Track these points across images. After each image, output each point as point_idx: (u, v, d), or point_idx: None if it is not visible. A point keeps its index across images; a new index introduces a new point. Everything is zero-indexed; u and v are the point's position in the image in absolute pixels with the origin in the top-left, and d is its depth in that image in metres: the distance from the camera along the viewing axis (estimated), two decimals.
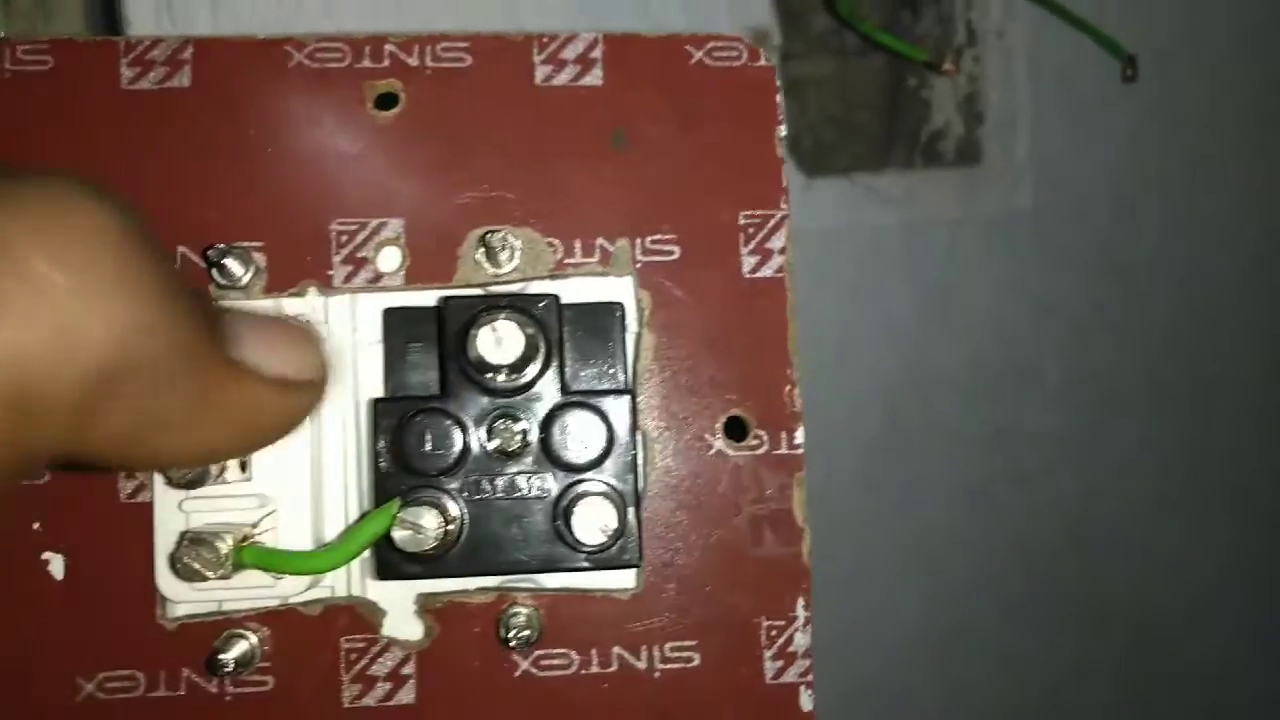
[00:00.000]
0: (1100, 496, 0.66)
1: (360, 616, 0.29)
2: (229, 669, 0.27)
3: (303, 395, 0.23)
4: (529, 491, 0.28)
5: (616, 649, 0.29)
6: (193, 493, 0.27)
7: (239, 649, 0.27)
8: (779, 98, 0.30)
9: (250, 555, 0.26)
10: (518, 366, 0.27)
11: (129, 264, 0.19)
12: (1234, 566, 0.69)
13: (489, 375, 0.27)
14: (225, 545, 0.25)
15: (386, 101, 0.30)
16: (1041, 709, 0.67)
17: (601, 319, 0.30)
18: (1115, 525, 0.67)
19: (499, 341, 0.26)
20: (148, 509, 0.28)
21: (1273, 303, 0.68)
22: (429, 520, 0.26)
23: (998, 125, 0.61)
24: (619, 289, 0.30)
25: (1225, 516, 0.68)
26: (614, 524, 0.26)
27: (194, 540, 0.25)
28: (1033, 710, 0.67)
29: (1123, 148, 0.64)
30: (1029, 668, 0.67)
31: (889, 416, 0.60)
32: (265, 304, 0.29)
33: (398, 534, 0.25)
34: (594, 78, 0.30)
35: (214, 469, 0.26)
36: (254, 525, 0.27)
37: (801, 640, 0.29)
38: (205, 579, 0.25)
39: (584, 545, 0.27)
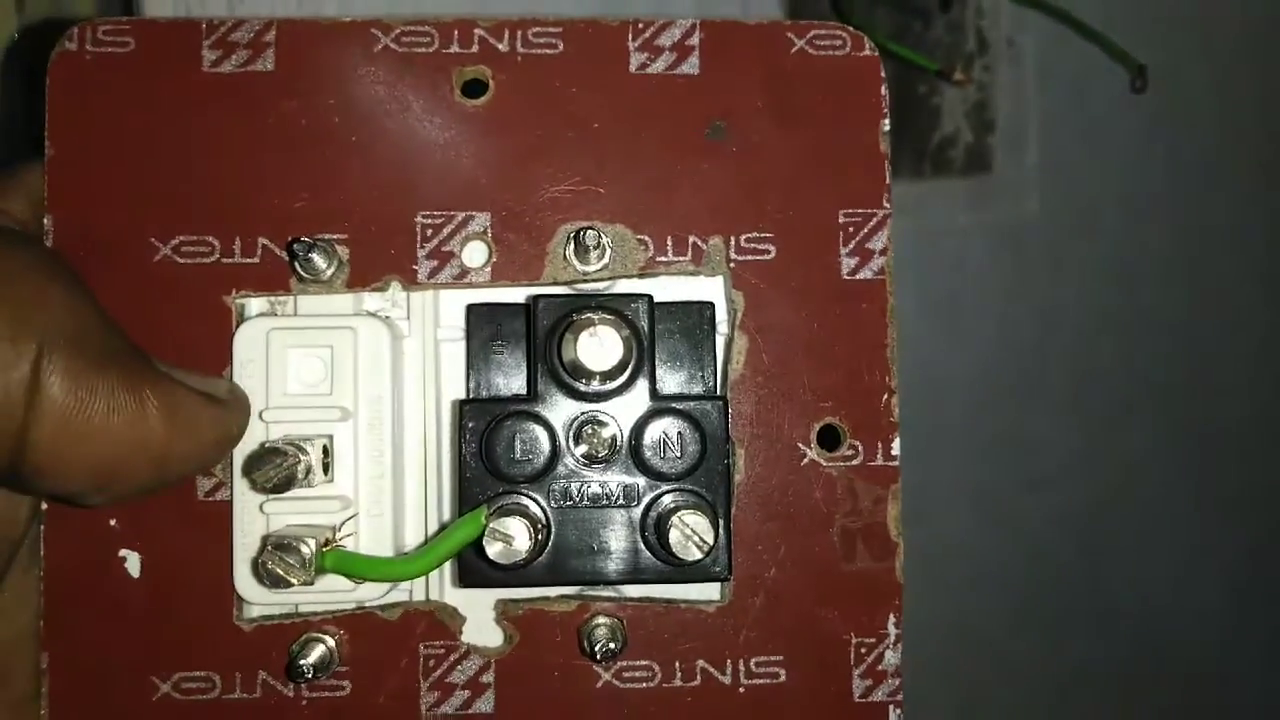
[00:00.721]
0: (1108, 504, 0.65)
1: (439, 622, 0.28)
2: (309, 675, 0.26)
3: (228, 410, 0.26)
4: (616, 500, 0.27)
5: (701, 662, 0.28)
6: (274, 495, 0.26)
7: (317, 653, 0.27)
8: (884, 89, 0.29)
9: (333, 560, 0.25)
10: (613, 373, 0.26)
11: (58, 269, 0.24)
12: (1241, 574, 0.68)
13: (582, 380, 0.26)
14: (309, 549, 0.24)
15: (475, 89, 0.28)
16: (1048, 714, 0.67)
17: (692, 320, 0.29)
18: (1123, 533, 0.66)
19: (599, 345, 0.25)
20: (225, 507, 0.27)
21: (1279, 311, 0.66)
22: (518, 530, 0.25)
23: (1007, 134, 0.60)
24: (711, 289, 0.29)
25: (1232, 524, 0.67)
26: (710, 540, 0.25)
27: (278, 545, 0.24)
28: (1039, 712, 0.66)
29: (1132, 157, 0.63)
30: (1036, 673, 0.66)
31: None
32: (346, 298, 0.28)
33: (490, 547, 0.24)
34: (690, 66, 0.29)
35: (300, 472, 0.25)
36: (336, 529, 0.26)
37: (892, 658, 0.28)
38: (290, 584, 0.24)
39: (680, 560, 0.25)
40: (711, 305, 0.29)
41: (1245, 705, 0.70)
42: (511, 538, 0.25)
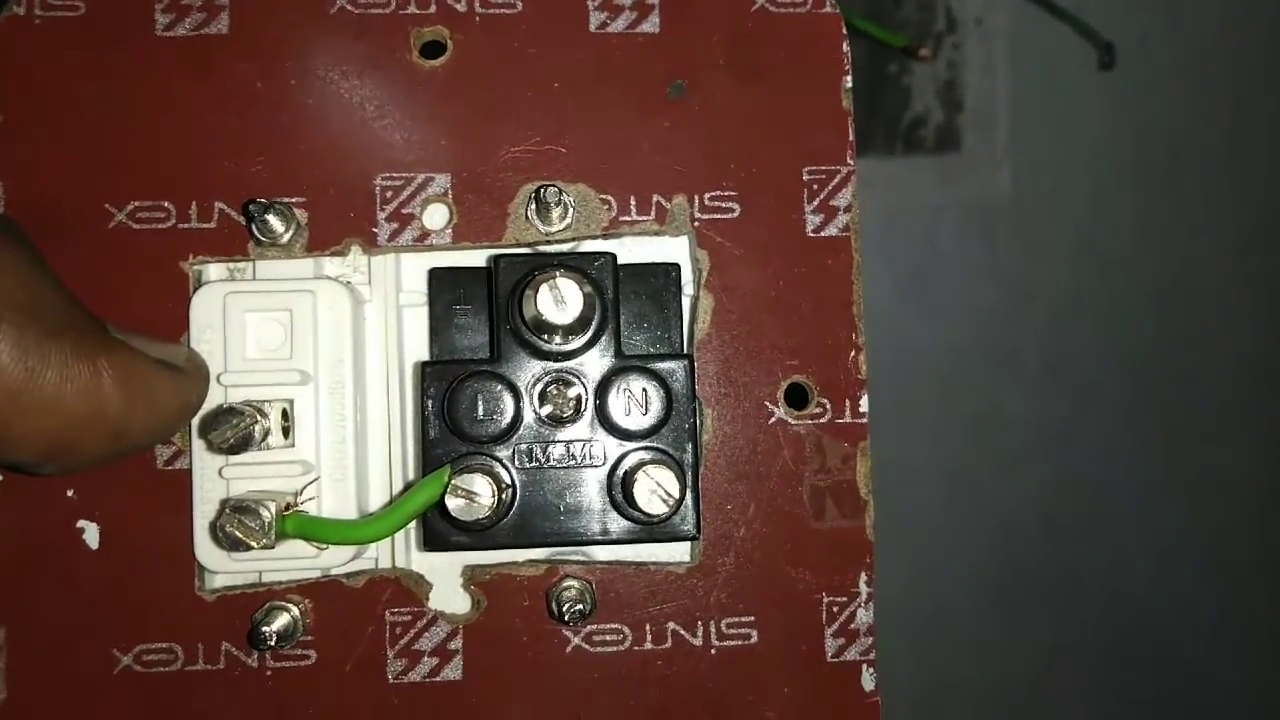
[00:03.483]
0: (1077, 483, 0.65)
1: (405, 589, 0.27)
2: (271, 642, 0.26)
3: (186, 379, 0.25)
4: (582, 459, 0.26)
5: (672, 624, 0.28)
6: (233, 459, 0.26)
7: (281, 621, 0.26)
8: (845, 46, 0.29)
9: (294, 524, 0.25)
10: (574, 328, 0.25)
11: (9, 235, 0.23)
12: (1209, 552, 0.68)
13: (544, 337, 0.26)
14: (269, 513, 0.24)
15: (433, 50, 0.28)
16: (1019, 693, 0.67)
17: (657, 280, 0.28)
18: (1092, 511, 0.66)
19: (559, 300, 0.24)
20: (185, 476, 0.27)
21: (1250, 291, 0.67)
22: (483, 488, 0.24)
23: (977, 113, 0.61)
24: (675, 248, 0.29)
25: (1201, 503, 0.68)
26: (676, 492, 0.25)
27: (237, 508, 0.24)
28: (1010, 694, 0.67)
29: (1101, 136, 0.63)
30: (1006, 652, 0.66)
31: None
32: (305, 263, 0.28)
33: (451, 502, 0.24)
34: (651, 24, 0.28)
35: (257, 433, 0.25)
36: (297, 494, 0.26)
37: (864, 617, 0.28)
38: (249, 547, 0.24)
39: (646, 515, 0.25)
40: (677, 267, 0.29)
41: (1216, 685, 0.70)
42: (475, 494, 0.24)
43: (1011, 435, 0.65)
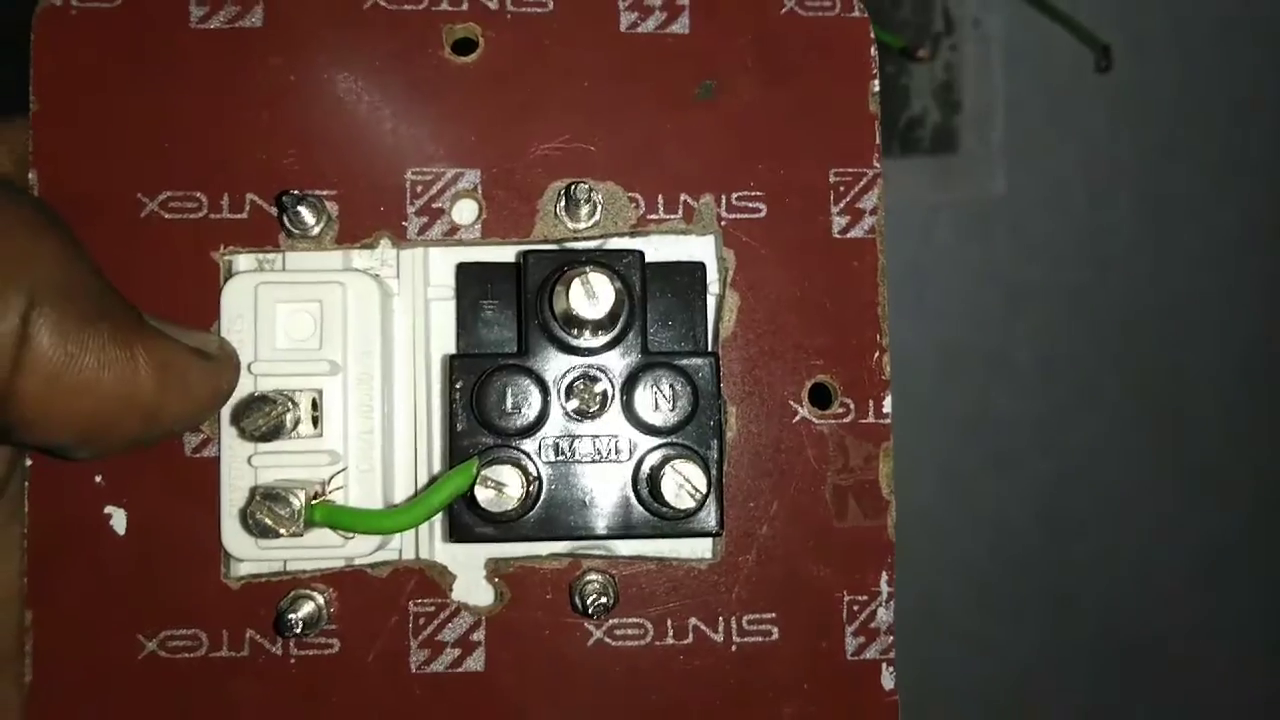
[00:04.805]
0: (1071, 481, 0.65)
1: (429, 580, 0.28)
2: (297, 629, 0.26)
3: (219, 366, 0.26)
4: (607, 454, 0.27)
5: (693, 620, 0.28)
6: (263, 448, 0.26)
7: (306, 609, 0.26)
8: (874, 50, 0.29)
9: (322, 513, 0.25)
10: (604, 323, 0.25)
11: (51, 222, 0.24)
12: (1202, 550, 0.68)
13: (573, 332, 0.26)
14: (299, 501, 0.24)
15: (464, 46, 0.28)
16: (1011, 690, 0.67)
17: (684, 280, 0.29)
18: (1086, 510, 0.66)
19: (590, 295, 0.25)
20: (213, 464, 0.27)
21: (1244, 291, 0.67)
22: (511, 479, 0.25)
23: (974, 113, 0.61)
24: (702, 247, 0.29)
25: (1194, 501, 0.68)
26: (703, 488, 0.25)
27: (267, 495, 0.24)
28: (1002, 691, 0.67)
29: (1097, 137, 0.64)
30: (998, 649, 0.66)
31: None
32: (335, 255, 0.28)
33: (481, 493, 0.24)
34: (681, 25, 0.29)
35: (288, 421, 0.25)
36: (325, 483, 0.26)
37: (884, 616, 0.28)
38: (278, 535, 0.24)
39: (673, 510, 0.25)
40: (703, 265, 0.29)
41: (1210, 682, 0.70)
42: (504, 485, 0.24)
43: (1006, 434, 0.65)
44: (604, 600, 0.27)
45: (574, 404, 0.27)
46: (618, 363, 0.27)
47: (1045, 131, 0.63)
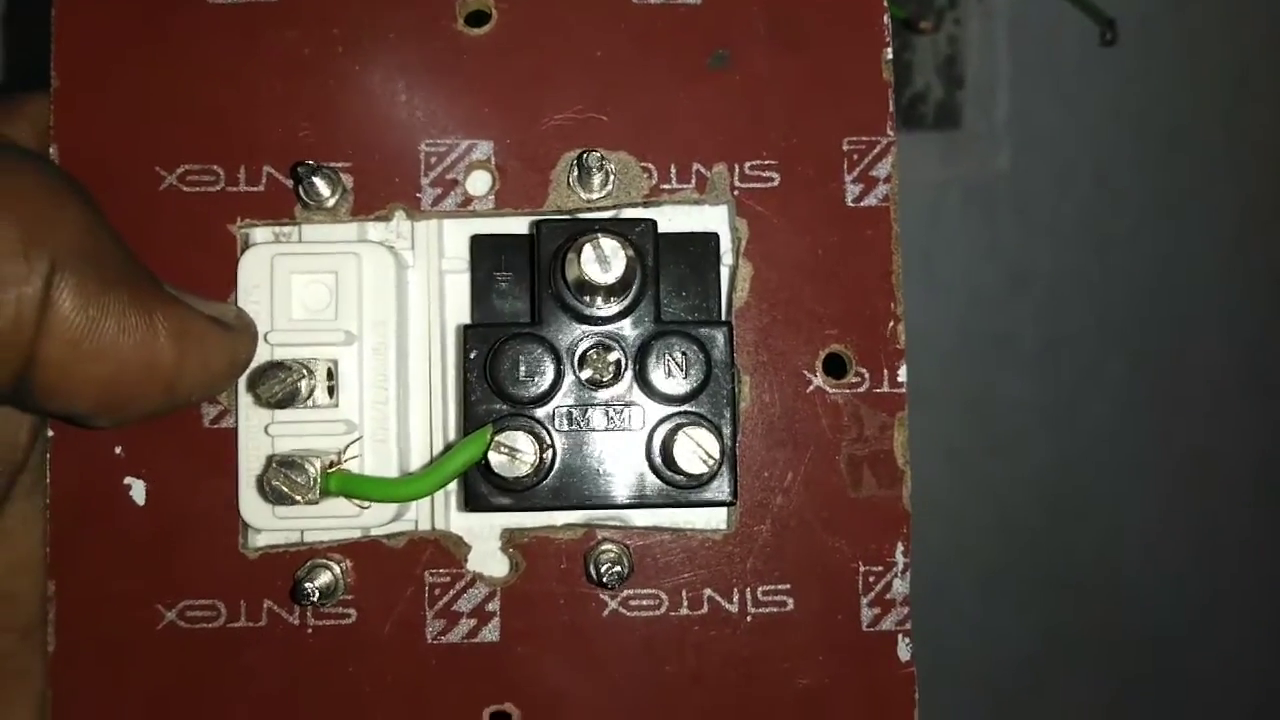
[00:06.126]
0: (1075, 464, 0.64)
1: (444, 550, 0.28)
2: (314, 598, 0.26)
3: (237, 336, 0.26)
4: (621, 423, 0.27)
5: (708, 590, 0.28)
6: (279, 415, 0.26)
7: (323, 578, 0.26)
8: (886, 18, 0.29)
9: (337, 481, 0.25)
10: (616, 289, 0.25)
11: (73, 189, 0.24)
12: (1206, 534, 0.67)
13: (586, 299, 0.26)
14: (314, 469, 0.24)
15: (478, 18, 0.28)
16: (1016, 676, 0.66)
17: (696, 249, 0.29)
18: (1090, 493, 0.65)
19: (602, 260, 0.25)
20: (231, 436, 0.27)
21: (1249, 272, 0.66)
22: (525, 445, 0.25)
23: (977, 89, 0.60)
24: (715, 217, 0.29)
25: (1198, 485, 0.67)
26: (716, 454, 0.25)
27: (283, 463, 0.24)
28: (1007, 677, 0.66)
29: (1102, 113, 0.63)
30: (1003, 635, 0.65)
31: None
32: (350, 227, 0.28)
33: (495, 458, 0.24)
34: None
35: (304, 389, 0.25)
36: (340, 452, 0.26)
37: (900, 587, 0.28)
38: (294, 502, 0.24)
39: (687, 475, 0.25)
40: (716, 236, 0.29)
41: (1214, 665, 0.69)
42: (517, 450, 0.24)
43: (1010, 415, 0.64)
44: (619, 569, 0.27)
45: (587, 373, 0.27)
46: (631, 332, 0.27)
47: (1050, 107, 0.62)
